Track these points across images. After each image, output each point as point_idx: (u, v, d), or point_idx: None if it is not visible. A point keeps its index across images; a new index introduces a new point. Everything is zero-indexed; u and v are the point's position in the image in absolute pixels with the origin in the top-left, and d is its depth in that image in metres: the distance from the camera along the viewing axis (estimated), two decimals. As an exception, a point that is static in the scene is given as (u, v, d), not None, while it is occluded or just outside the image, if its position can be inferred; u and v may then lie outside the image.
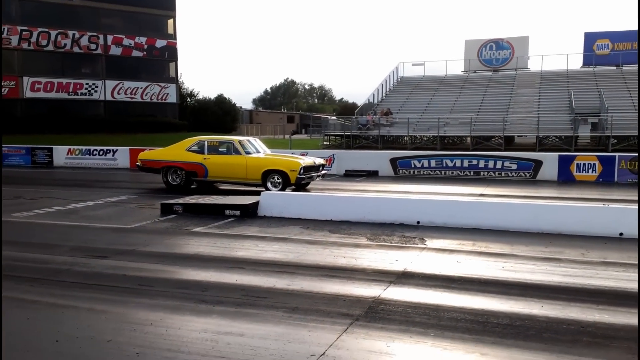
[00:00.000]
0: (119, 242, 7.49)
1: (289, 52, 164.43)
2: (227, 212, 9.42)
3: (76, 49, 37.61)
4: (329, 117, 39.53)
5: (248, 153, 13.29)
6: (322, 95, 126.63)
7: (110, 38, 38.59)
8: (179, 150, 13.89)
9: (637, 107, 27.86)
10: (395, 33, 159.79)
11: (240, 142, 13.60)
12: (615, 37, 35.07)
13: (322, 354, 3.77)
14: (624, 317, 4.50)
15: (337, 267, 6.15)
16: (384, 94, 36.42)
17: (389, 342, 4.00)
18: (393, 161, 17.70)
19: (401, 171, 17.55)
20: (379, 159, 18.16)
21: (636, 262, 6.28)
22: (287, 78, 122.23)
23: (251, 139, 14.85)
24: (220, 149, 13.61)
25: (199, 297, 5.04)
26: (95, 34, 37.98)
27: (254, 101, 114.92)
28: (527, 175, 16.07)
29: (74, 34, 37.23)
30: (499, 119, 28.21)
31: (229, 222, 8.94)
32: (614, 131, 25.86)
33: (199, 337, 4.11)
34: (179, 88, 44.33)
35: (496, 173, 16.43)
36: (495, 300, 4.96)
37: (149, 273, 5.90)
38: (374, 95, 35.90)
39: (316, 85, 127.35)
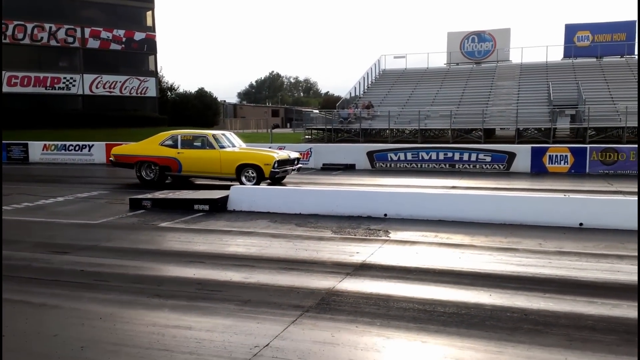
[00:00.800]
0: (82, 237, 7.46)
1: (274, 45, 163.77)
2: (196, 206, 9.41)
3: (53, 42, 36.97)
4: (311, 110, 39.47)
5: (222, 147, 13.25)
6: (308, 88, 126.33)
7: (87, 31, 37.99)
8: (153, 145, 13.80)
9: (613, 100, 28.27)
10: (380, 26, 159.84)
11: (214, 136, 13.54)
12: (595, 28, 35.38)
13: (266, 345, 3.82)
14: (567, 305, 4.60)
15: (298, 260, 6.20)
16: (365, 87, 36.44)
17: (334, 332, 4.06)
18: (370, 154, 17.79)
19: (378, 164, 17.64)
20: (356, 152, 18.24)
21: (590, 251, 6.42)
22: (273, 71, 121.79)
23: (227, 133, 14.79)
24: (194, 144, 13.55)
25: (153, 292, 5.05)
26: (72, 26, 37.33)
27: (239, 95, 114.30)
28: (501, 167, 16.26)
29: (50, 27, 36.59)
30: (478, 111, 28.41)
31: (197, 216, 8.94)
32: (593, 123, 26.20)
33: (146, 330, 4.13)
34: (159, 82, 43.88)
35: (471, 165, 16.60)
36: (446, 290, 5.04)
37: (107, 268, 5.89)
38: (355, 88, 35.91)
39: (301, 78, 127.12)
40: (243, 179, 12.78)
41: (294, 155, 14.09)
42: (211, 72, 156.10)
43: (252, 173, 12.78)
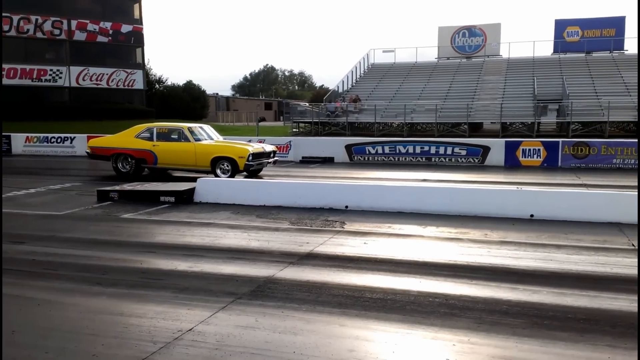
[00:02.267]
0: (43, 228, 7.60)
1: (269, 38, 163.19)
2: (162, 198, 9.54)
3: (39, 35, 36.82)
4: (298, 103, 39.53)
5: (197, 140, 13.37)
6: (302, 81, 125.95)
7: (74, 23, 37.79)
8: (129, 137, 13.92)
9: (597, 94, 28.55)
10: (374, 19, 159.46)
11: (189, 128, 13.66)
12: (585, 24, 35.55)
13: (189, 330, 3.98)
14: (490, 291, 4.80)
15: (247, 250, 6.36)
16: (354, 81, 36.56)
17: (259, 317, 4.23)
18: (348, 148, 17.95)
19: (356, 157, 17.80)
20: (334, 145, 18.39)
21: (532, 241, 6.62)
22: (267, 64, 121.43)
23: (204, 126, 14.90)
24: (170, 136, 13.66)
25: (96, 280, 5.20)
26: (59, 18, 37.15)
27: (234, 87, 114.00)
28: (476, 160, 16.45)
29: (36, 19, 36.41)
30: (464, 105, 28.55)
31: (161, 208, 9.08)
32: (576, 117, 26.45)
33: (79, 316, 4.29)
34: (147, 74, 43.78)
35: (447, 159, 16.79)
36: (380, 277, 5.22)
37: (59, 258, 6.04)
38: (343, 82, 36.01)
39: (296, 71, 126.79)
40: (218, 171, 12.92)
41: (270, 148, 14.23)
42: (206, 64, 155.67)
43: (227, 166, 12.91)
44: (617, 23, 34.83)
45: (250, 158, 12.79)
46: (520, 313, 4.26)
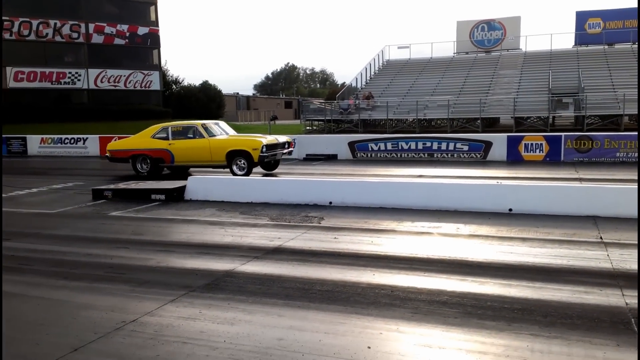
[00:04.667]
0: (31, 225, 7.91)
1: (290, 36, 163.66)
2: (153, 196, 9.81)
3: (58, 38, 37.89)
4: (312, 101, 39.66)
5: (212, 135, 13.56)
6: (324, 79, 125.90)
7: (92, 26, 38.80)
8: (145, 138, 14.19)
9: (614, 87, 27.96)
10: (393, 16, 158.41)
11: (203, 125, 13.85)
12: (607, 15, 34.84)
13: (133, 321, 4.16)
14: (438, 282, 4.86)
15: (218, 245, 6.53)
16: (368, 78, 36.50)
17: (203, 309, 4.38)
18: (351, 145, 18.00)
19: (359, 154, 17.85)
20: (338, 142, 18.46)
21: (500, 235, 6.63)
22: (288, 63, 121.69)
23: (219, 122, 15.17)
24: (184, 134, 13.85)
25: (64, 275, 5.43)
26: (76, 22, 38.19)
27: (255, 87, 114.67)
28: (478, 156, 16.33)
29: (55, 23, 37.46)
30: (478, 100, 28.22)
31: (151, 206, 9.33)
32: (592, 111, 25.98)
33: (36, 308, 4.53)
34: (164, 75, 44.56)
35: (449, 155, 16.71)
36: (335, 270, 5.32)
37: (37, 254, 6.31)
38: (357, 79, 36.01)
39: (317, 69, 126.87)
40: (234, 167, 12.96)
41: (283, 139, 14.27)
42: (228, 64, 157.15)
43: (243, 163, 12.95)
44: (640, 14, 33.95)
45: (264, 149, 12.82)
46: (458, 303, 4.32)
